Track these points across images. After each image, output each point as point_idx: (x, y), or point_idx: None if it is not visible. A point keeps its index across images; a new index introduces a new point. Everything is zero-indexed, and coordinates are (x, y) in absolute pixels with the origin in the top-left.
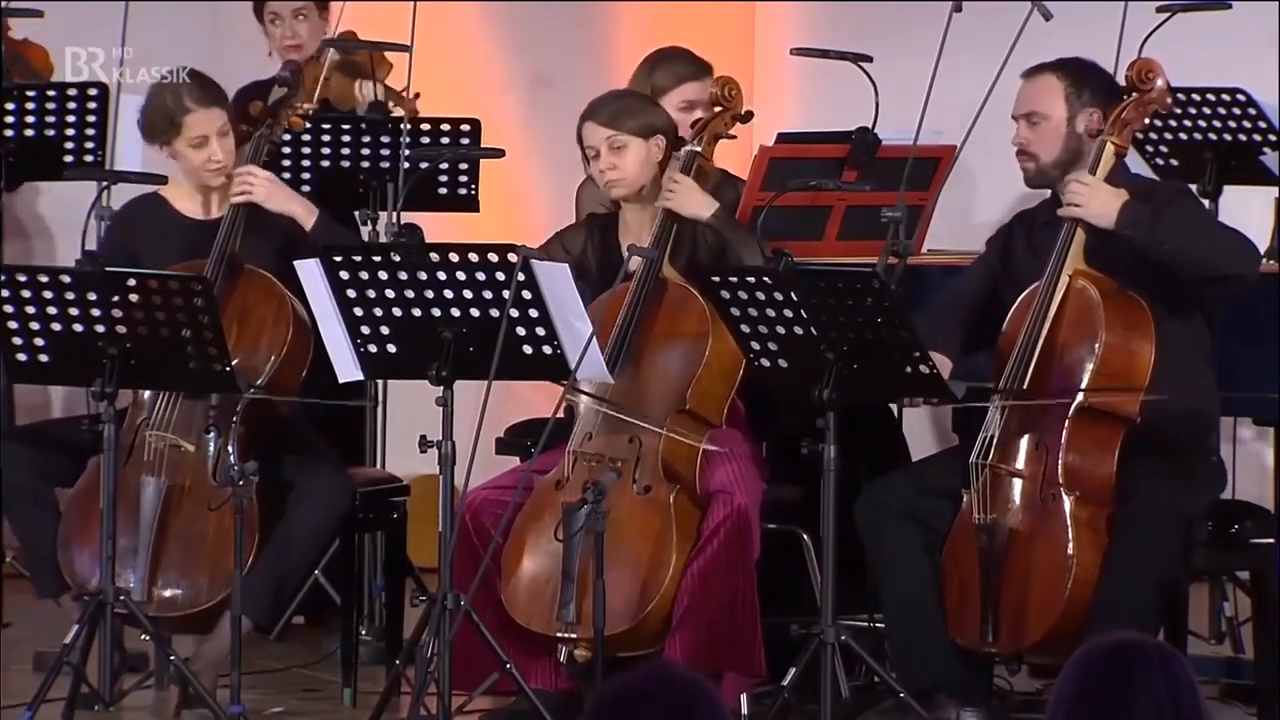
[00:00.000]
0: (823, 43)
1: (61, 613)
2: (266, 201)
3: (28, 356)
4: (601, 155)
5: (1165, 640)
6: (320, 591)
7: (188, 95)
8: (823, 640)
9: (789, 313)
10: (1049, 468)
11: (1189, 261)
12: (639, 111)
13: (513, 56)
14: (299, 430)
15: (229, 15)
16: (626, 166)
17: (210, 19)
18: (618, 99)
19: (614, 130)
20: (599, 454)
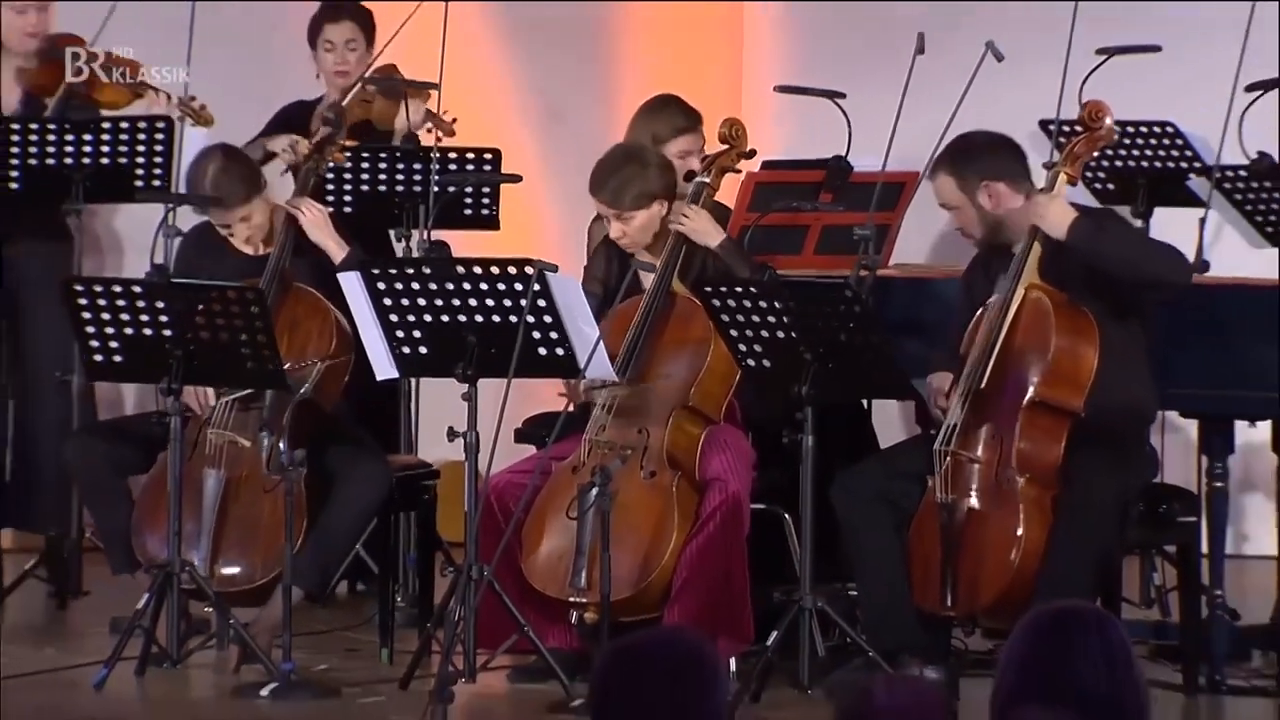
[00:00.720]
0: (803, 81)
1: (134, 582)
2: (310, 230)
3: (103, 357)
4: (611, 224)
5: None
6: (361, 564)
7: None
8: (802, 606)
9: (772, 319)
10: (1004, 454)
11: (1129, 268)
12: (636, 184)
13: (529, 92)
14: (342, 423)
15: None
16: (633, 231)
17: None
18: (615, 170)
19: (614, 209)
20: (611, 442)
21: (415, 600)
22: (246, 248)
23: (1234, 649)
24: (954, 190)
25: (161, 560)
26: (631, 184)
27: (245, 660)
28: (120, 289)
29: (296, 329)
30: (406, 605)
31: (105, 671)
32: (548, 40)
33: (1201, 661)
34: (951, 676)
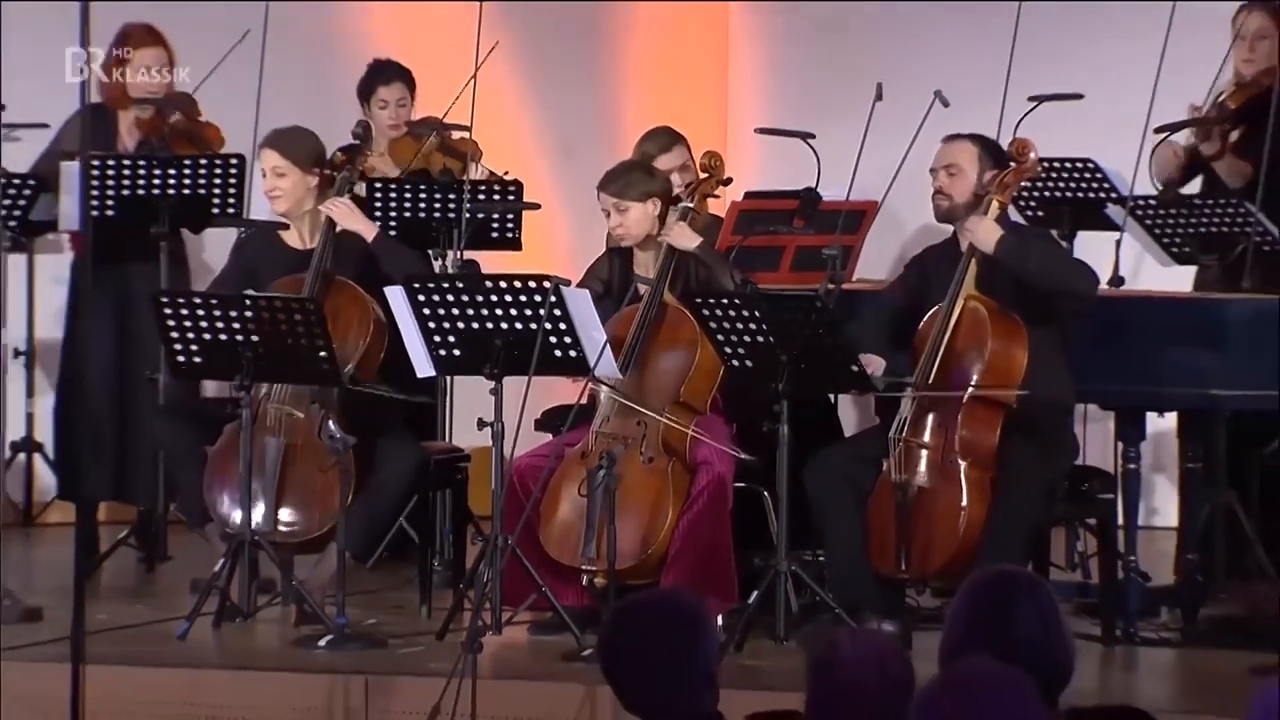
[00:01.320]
0: (779, 123)
1: (212, 548)
2: (342, 220)
3: (185, 359)
4: (611, 216)
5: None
6: (403, 534)
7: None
8: (778, 570)
9: (753, 325)
10: (948, 441)
11: (1046, 280)
12: (637, 182)
13: (546, 132)
14: (386, 413)
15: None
16: (630, 224)
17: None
18: (622, 174)
19: (618, 199)
20: (614, 433)
21: (450, 565)
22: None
23: (1145, 606)
24: (973, 158)
25: (233, 526)
26: (631, 183)
27: (304, 617)
28: (200, 300)
29: (339, 317)
30: (442, 569)
31: (187, 625)
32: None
33: (1117, 617)
34: (905, 630)
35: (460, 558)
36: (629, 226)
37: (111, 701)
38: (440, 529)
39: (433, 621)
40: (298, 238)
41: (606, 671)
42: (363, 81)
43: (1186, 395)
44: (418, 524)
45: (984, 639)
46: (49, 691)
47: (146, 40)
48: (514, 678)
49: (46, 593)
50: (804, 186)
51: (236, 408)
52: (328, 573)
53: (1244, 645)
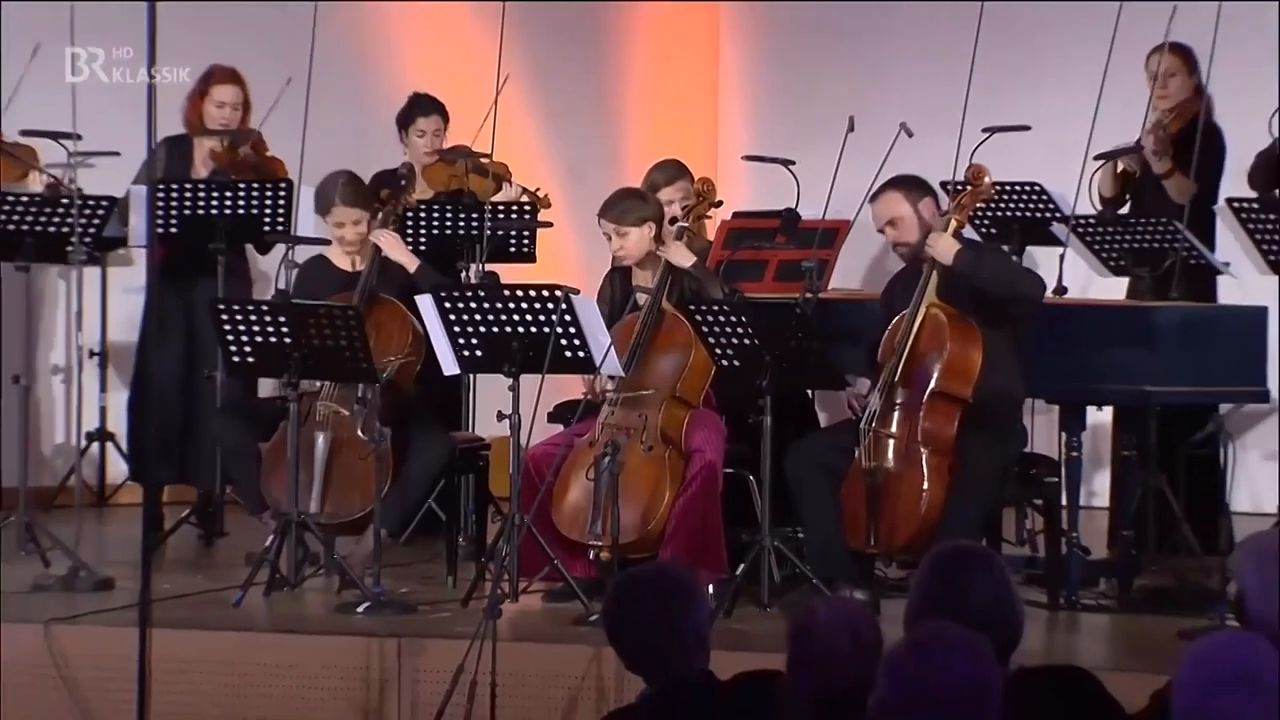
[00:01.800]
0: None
1: (263, 526)
2: (388, 251)
3: (240, 359)
4: (613, 240)
5: (987, 545)
6: (432, 514)
7: (339, 192)
8: (762, 545)
9: (740, 329)
10: (912, 431)
11: (999, 288)
12: (634, 209)
13: (557, 158)
14: (419, 406)
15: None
16: (629, 246)
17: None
18: (619, 202)
19: (617, 224)
20: (618, 425)
21: (473, 541)
22: (345, 263)
23: (1085, 577)
24: (902, 202)
25: (283, 509)
26: (628, 210)
27: (345, 585)
28: (253, 307)
29: (381, 330)
30: (466, 545)
31: (241, 594)
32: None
33: (1061, 586)
34: (874, 597)
35: (482, 534)
36: (628, 249)
37: (174, 661)
38: (464, 509)
39: (458, 590)
40: (348, 262)
41: (610, 635)
42: (402, 112)
43: (1121, 391)
44: (445, 505)
45: (944, 606)
46: (120, 651)
47: (226, 79)
48: (529, 640)
49: (118, 565)
50: (785, 207)
51: (286, 402)
52: (366, 548)
53: (1173, 612)
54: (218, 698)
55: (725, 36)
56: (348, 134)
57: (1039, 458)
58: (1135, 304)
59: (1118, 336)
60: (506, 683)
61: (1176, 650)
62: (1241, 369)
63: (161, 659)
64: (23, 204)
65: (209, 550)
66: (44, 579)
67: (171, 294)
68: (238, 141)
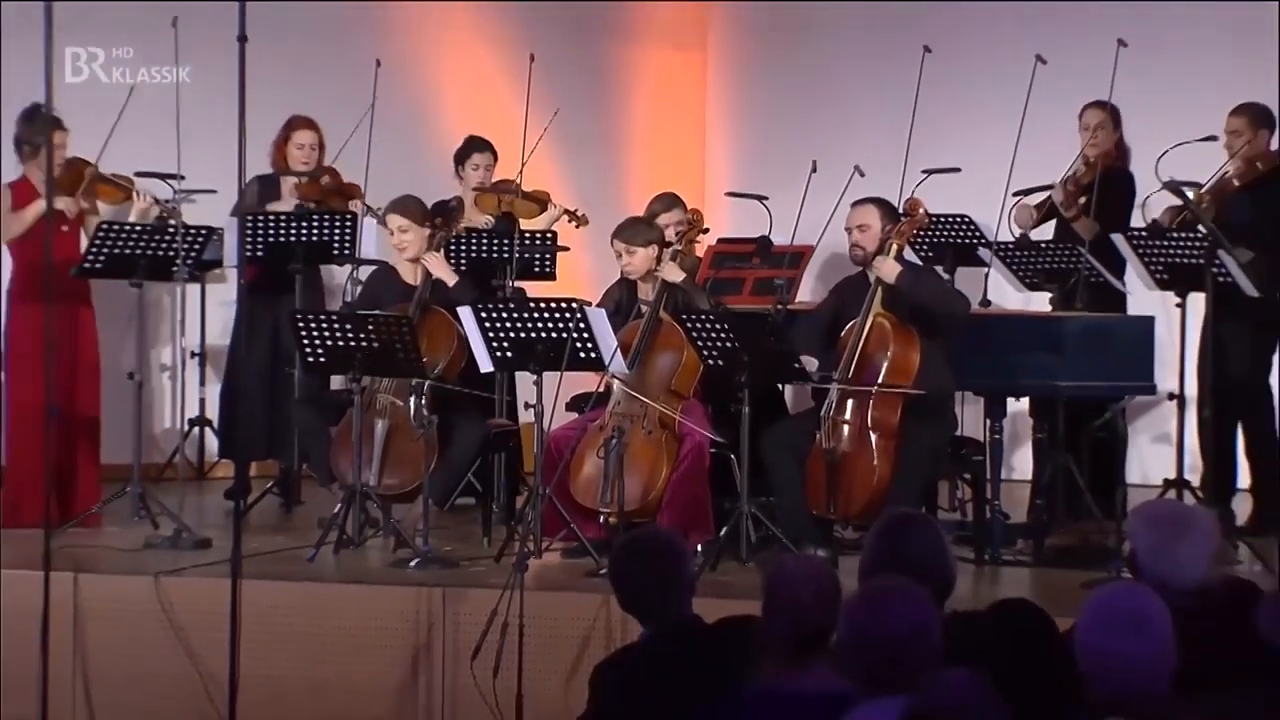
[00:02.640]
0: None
1: (332, 496)
2: (433, 270)
3: (313, 359)
4: (623, 256)
5: (925, 511)
6: (471, 486)
7: (393, 204)
8: (741, 511)
9: (723, 334)
10: (863, 418)
11: (934, 304)
12: (641, 233)
13: (573, 191)
14: (461, 398)
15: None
16: (636, 262)
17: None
18: (631, 225)
19: (628, 244)
20: (624, 413)
21: (504, 508)
22: (408, 275)
23: (1005, 537)
24: (876, 217)
25: (348, 482)
26: (636, 233)
27: (399, 544)
28: (324, 317)
29: (432, 336)
30: (499, 511)
31: (314, 551)
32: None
33: (985, 545)
34: (834, 555)
35: (511, 503)
36: (635, 265)
37: (260, 607)
38: (497, 482)
39: (492, 549)
40: (411, 275)
41: (615, 585)
42: (460, 149)
43: (1035, 385)
44: (481, 478)
45: (891, 562)
46: (215, 599)
47: (304, 125)
48: (550, 589)
49: (213, 528)
50: (760, 234)
51: (350, 393)
52: (416, 514)
53: (1077, 566)
54: (295, 636)
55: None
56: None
57: (967, 440)
58: (1046, 314)
59: (1032, 341)
60: (531, 624)
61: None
62: (1133, 367)
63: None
64: (136, 232)
65: (288, 515)
66: (154, 539)
67: (258, 305)
68: (317, 175)
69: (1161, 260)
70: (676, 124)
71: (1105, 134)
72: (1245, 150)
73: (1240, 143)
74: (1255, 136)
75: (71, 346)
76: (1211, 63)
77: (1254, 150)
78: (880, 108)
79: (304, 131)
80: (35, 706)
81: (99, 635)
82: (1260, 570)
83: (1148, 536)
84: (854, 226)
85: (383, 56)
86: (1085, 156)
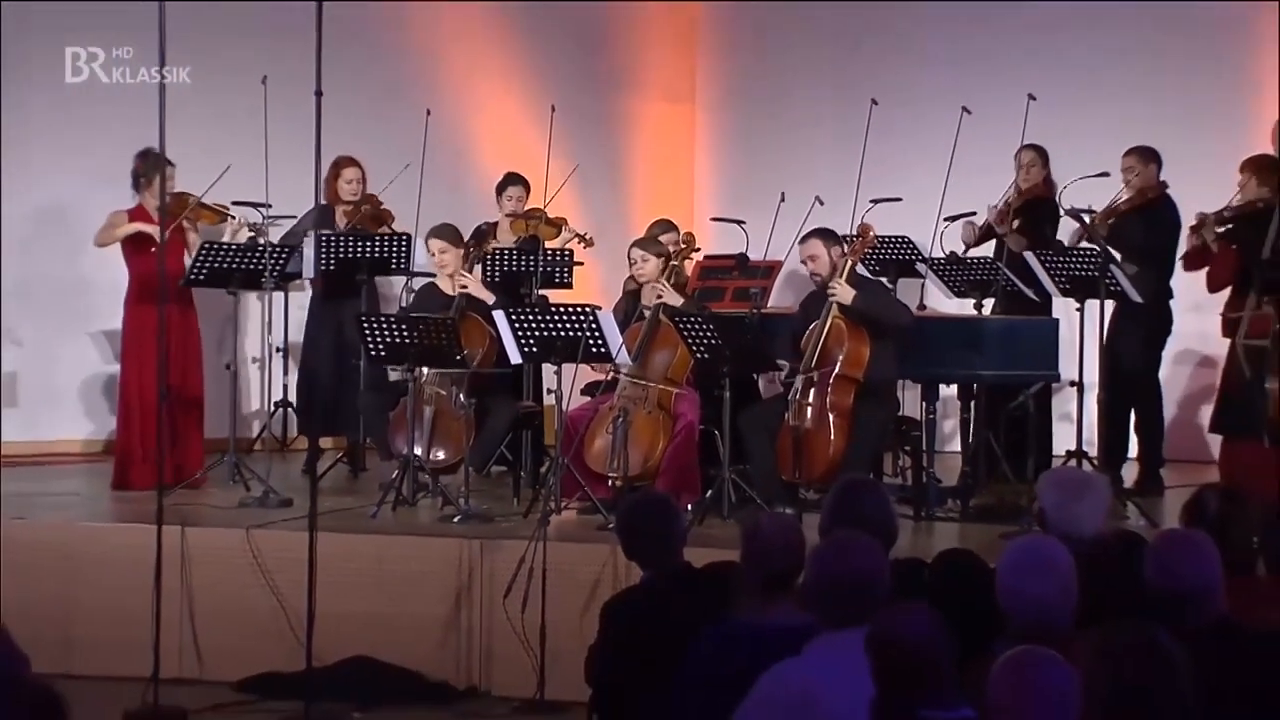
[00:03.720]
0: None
1: (390, 465)
2: (472, 289)
3: (375, 353)
4: (638, 263)
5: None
6: (504, 456)
7: (433, 230)
8: (723, 477)
9: (708, 333)
10: (823, 401)
11: (882, 315)
12: (655, 246)
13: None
14: (494, 384)
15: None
16: (648, 269)
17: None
18: (645, 242)
19: (644, 252)
20: (628, 397)
21: (531, 474)
22: (447, 288)
23: (938, 498)
24: (821, 247)
25: (404, 454)
26: (653, 245)
27: (445, 504)
28: (384, 319)
29: (469, 336)
30: (526, 476)
31: (376, 509)
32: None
33: (922, 505)
34: (799, 512)
35: (537, 470)
36: (648, 271)
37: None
38: (525, 453)
39: (520, 507)
40: (449, 288)
41: (621, 536)
42: (500, 183)
43: (962, 374)
44: (512, 450)
45: (846, 517)
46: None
47: (349, 164)
48: (568, 541)
49: (294, 490)
50: (739, 252)
51: (407, 384)
52: (459, 480)
53: (997, 521)
54: (361, 577)
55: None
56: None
57: (908, 419)
58: (971, 315)
59: (960, 338)
60: (553, 569)
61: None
62: (1041, 359)
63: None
64: (232, 251)
65: (354, 481)
66: (246, 499)
67: (329, 309)
68: (360, 204)
69: (1064, 273)
70: (670, 162)
71: (1036, 169)
72: (1137, 181)
73: (1133, 176)
74: (1145, 170)
75: (180, 343)
76: (1104, 111)
77: (1144, 181)
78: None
79: (350, 169)
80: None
81: (201, 577)
82: (1145, 525)
83: (1054, 496)
84: (806, 258)
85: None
86: (1018, 185)
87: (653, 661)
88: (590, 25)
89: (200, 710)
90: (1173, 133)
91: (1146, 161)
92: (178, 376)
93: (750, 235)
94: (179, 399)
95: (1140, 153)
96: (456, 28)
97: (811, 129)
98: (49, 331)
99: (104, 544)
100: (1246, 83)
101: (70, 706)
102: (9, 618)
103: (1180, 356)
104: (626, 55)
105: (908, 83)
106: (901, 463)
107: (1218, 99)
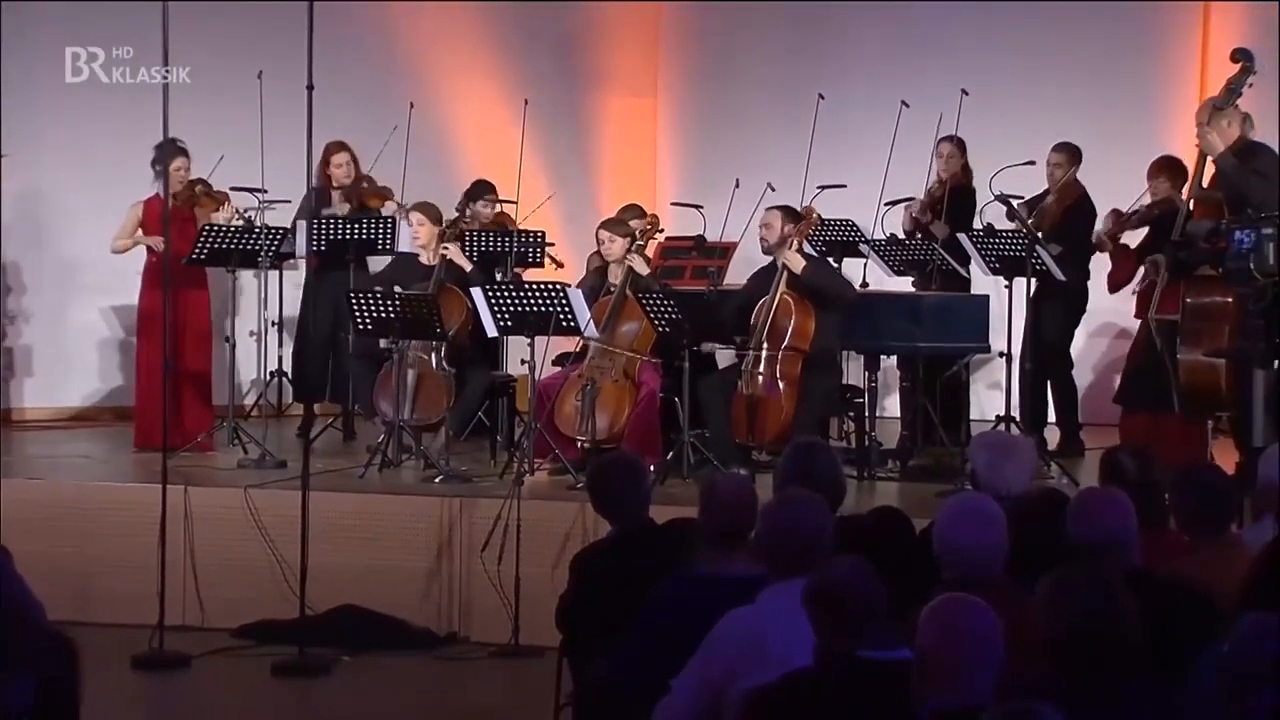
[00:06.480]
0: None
1: (376, 428)
2: (453, 256)
3: (363, 325)
4: (605, 244)
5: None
6: (481, 421)
7: (417, 206)
8: (683, 440)
9: (669, 308)
10: (773, 371)
11: (828, 289)
12: (621, 228)
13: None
14: (471, 353)
15: None
16: (615, 248)
17: None
18: (616, 221)
19: (611, 233)
20: (596, 366)
21: (506, 437)
22: (424, 257)
23: (879, 459)
24: (778, 218)
25: (389, 417)
26: (620, 227)
27: (428, 465)
28: (371, 294)
29: (447, 308)
30: (502, 439)
31: (363, 470)
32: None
33: (865, 466)
34: (752, 473)
35: (511, 433)
36: (614, 250)
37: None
38: (500, 418)
39: (497, 468)
40: (428, 259)
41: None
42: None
43: (901, 346)
44: (489, 415)
45: (796, 477)
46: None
47: (337, 149)
48: (540, 499)
49: (289, 452)
50: (697, 234)
51: (391, 352)
52: (440, 442)
53: (933, 481)
54: (350, 533)
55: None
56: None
57: (851, 387)
58: (909, 292)
59: (899, 313)
60: (526, 524)
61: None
62: (973, 332)
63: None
64: (230, 232)
65: (345, 444)
66: (244, 461)
67: (320, 286)
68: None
69: (994, 253)
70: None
71: (954, 160)
72: (1061, 176)
73: (1059, 171)
74: (1070, 168)
75: (190, 319)
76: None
77: (1069, 178)
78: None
79: (340, 154)
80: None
81: (203, 533)
82: (1067, 483)
83: (984, 457)
84: (761, 225)
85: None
86: (939, 175)
87: (619, 609)
88: (561, 26)
89: (202, 655)
90: (1094, 123)
91: (1072, 160)
92: (190, 351)
93: (707, 218)
94: (188, 371)
95: (1068, 149)
96: (438, 28)
97: (764, 121)
98: (57, 313)
99: (114, 502)
100: (1168, 74)
101: (83, 651)
102: (26, 570)
103: (1102, 329)
104: (594, 53)
105: (852, 79)
106: (846, 427)
107: (1138, 93)
